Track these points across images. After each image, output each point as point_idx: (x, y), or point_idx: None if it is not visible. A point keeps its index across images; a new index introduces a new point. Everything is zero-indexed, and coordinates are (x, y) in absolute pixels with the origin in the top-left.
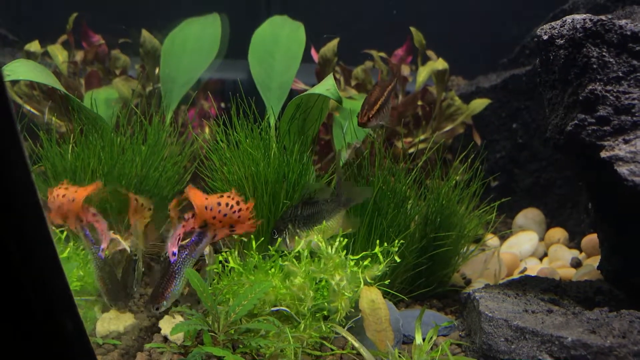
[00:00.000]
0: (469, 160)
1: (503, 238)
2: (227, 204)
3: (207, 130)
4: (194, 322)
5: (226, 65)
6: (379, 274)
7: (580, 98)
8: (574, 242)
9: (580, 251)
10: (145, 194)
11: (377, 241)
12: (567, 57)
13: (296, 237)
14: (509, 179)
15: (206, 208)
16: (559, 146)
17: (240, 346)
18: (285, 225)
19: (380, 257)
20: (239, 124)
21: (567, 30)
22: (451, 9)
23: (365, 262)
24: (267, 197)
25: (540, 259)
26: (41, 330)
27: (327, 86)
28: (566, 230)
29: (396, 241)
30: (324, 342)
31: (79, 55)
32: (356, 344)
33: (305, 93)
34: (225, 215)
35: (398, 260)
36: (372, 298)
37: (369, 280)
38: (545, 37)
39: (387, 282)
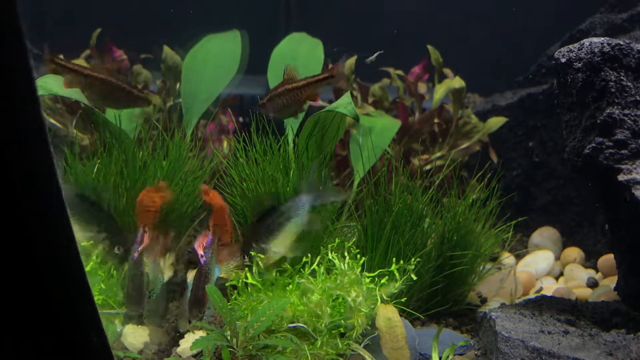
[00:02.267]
0: (486, 178)
1: (519, 257)
2: None
3: (225, 144)
4: (213, 338)
5: (245, 81)
6: (396, 291)
7: (598, 121)
8: (590, 261)
9: (597, 271)
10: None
11: (394, 259)
12: (585, 81)
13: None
14: (525, 197)
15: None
16: (577, 168)
17: None
18: (250, 248)
19: (397, 274)
20: (258, 141)
21: (585, 54)
22: (468, 27)
23: (383, 280)
24: None
25: (556, 278)
26: (67, 343)
27: (344, 104)
28: (582, 250)
29: (412, 259)
30: (340, 359)
31: None
32: None
33: (323, 110)
34: None
35: (415, 278)
36: (388, 316)
37: (385, 297)
38: (563, 60)
39: (403, 300)
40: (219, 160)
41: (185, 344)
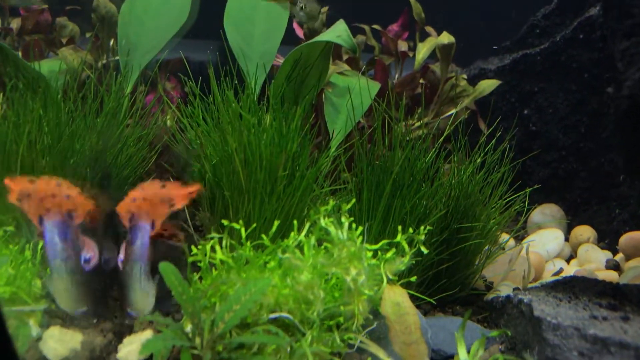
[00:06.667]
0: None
1: (518, 238)
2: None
3: (169, 115)
4: (169, 337)
5: (190, 45)
6: (403, 268)
7: None
8: (604, 242)
9: (614, 252)
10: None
11: (400, 227)
12: None
13: None
14: (520, 172)
15: None
16: None
17: None
18: None
19: (406, 246)
20: (219, 93)
21: None
22: None
23: (388, 255)
24: (263, 173)
25: (567, 261)
26: None
27: (337, 32)
28: (593, 229)
29: (422, 227)
30: (334, 358)
31: (15, 23)
32: None
33: (307, 42)
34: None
35: (425, 251)
36: (397, 300)
37: (391, 276)
38: None
39: (413, 279)
40: (171, 120)
41: (129, 347)
